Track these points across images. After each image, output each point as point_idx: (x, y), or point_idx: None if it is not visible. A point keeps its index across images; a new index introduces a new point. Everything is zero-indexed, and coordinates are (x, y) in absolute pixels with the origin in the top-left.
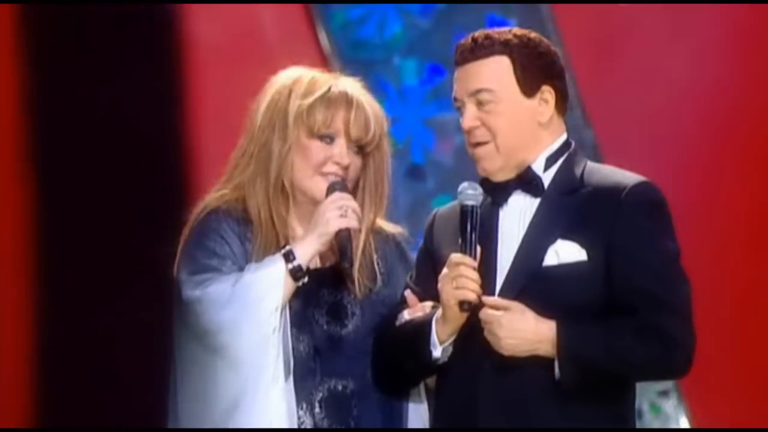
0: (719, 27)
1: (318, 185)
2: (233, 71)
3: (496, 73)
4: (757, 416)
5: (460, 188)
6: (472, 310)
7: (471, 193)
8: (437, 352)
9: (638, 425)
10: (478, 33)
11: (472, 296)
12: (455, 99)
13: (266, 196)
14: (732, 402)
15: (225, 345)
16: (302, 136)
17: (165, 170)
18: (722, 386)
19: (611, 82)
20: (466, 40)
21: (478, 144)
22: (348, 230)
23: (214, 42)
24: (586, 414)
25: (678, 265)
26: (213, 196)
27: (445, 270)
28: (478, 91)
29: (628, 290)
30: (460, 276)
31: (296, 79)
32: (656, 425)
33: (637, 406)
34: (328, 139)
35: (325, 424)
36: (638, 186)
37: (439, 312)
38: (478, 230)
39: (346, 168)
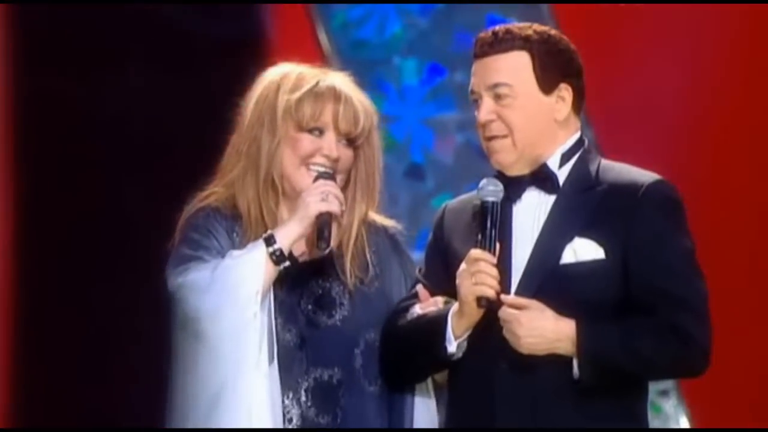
0: (720, 27)
1: (304, 177)
2: (232, 71)
3: (515, 67)
4: (757, 416)
5: (480, 184)
6: (490, 306)
7: (492, 189)
8: (452, 347)
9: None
10: (499, 27)
11: (490, 292)
12: (472, 92)
13: (256, 191)
14: (732, 402)
15: (206, 330)
16: (291, 130)
17: (166, 168)
18: (722, 386)
19: (611, 82)
20: (487, 33)
21: (494, 137)
22: (329, 215)
23: (213, 42)
24: (602, 412)
25: (695, 263)
26: (204, 194)
27: (463, 265)
28: (497, 85)
29: (646, 288)
30: (479, 272)
31: (284, 74)
32: (656, 425)
33: None
34: (317, 132)
35: (311, 414)
36: (655, 184)
37: (455, 307)
38: (497, 226)
39: (335, 161)
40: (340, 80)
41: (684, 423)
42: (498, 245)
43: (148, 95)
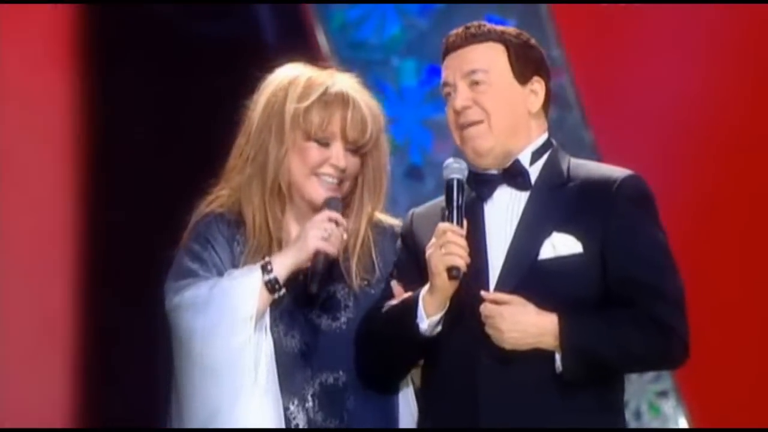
0: (719, 28)
1: (314, 186)
2: (231, 71)
3: (491, 56)
4: (756, 416)
5: (445, 163)
6: (460, 277)
7: (456, 167)
8: (424, 324)
9: (637, 426)
10: (471, 23)
11: (460, 262)
12: (445, 84)
13: (262, 198)
14: (731, 402)
15: (199, 352)
16: (299, 138)
17: (168, 169)
18: (721, 387)
19: (610, 82)
20: (458, 29)
21: (471, 124)
22: (326, 254)
23: (212, 42)
24: (583, 406)
25: (671, 255)
26: (210, 198)
27: (432, 239)
28: (474, 71)
29: (624, 281)
30: (448, 242)
31: (292, 80)
32: (655, 426)
33: (636, 406)
34: (325, 141)
35: (319, 418)
36: (629, 179)
37: (426, 286)
38: (464, 202)
39: (343, 170)
40: (349, 85)
41: (683, 424)
42: (465, 221)
43: (146, 96)
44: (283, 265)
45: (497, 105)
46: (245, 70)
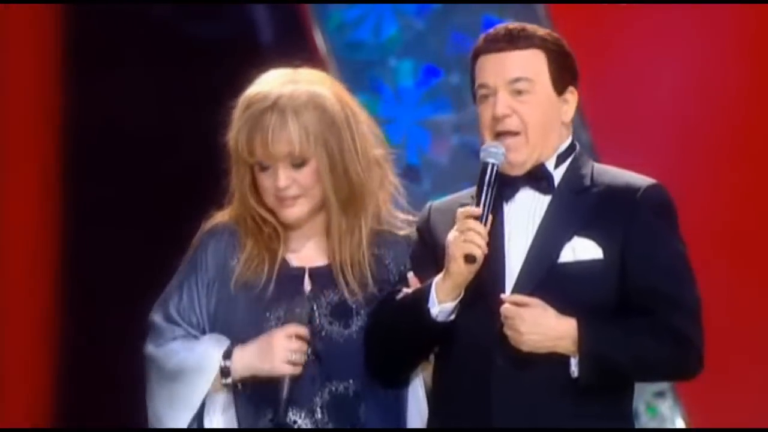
0: (717, 28)
1: (279, 209)
2: (228, 72)
3: (535, 65)
4: (753, 416)
5: (484, 145)
6: (476, 262)
7: (494, 151)
8: (435, 310)
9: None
10: (512, 25)
11: (478, 251)
12: (484, 86)
13: (243, 216)
14: (728, 402)
15: (157, 417)
16: (244, 167)
17: (168, 169)
18: (718, 387)
19: (607, 83)
20: (498, 30)
21: (507, 133)
22: (291, 376)
23: (209, 43)
24: (595, 411)
25: (690, 266)
26: (222, 212)
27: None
28: (518, 79)
29: (642, 289)
30: (468, 229)
31: (240, 101)
32: (652, 426)
33: (633, 407)
34: (261, 164)
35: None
36: (652, 188)
37: (441, 274)
38: (494, 187)
39: (285, 188)
40: (289, 93)
41: (680, 424)
42: (490, 210)
43: (144, 97)
44: (242, 368)
45: (536, 116)
46: (242, 70)
